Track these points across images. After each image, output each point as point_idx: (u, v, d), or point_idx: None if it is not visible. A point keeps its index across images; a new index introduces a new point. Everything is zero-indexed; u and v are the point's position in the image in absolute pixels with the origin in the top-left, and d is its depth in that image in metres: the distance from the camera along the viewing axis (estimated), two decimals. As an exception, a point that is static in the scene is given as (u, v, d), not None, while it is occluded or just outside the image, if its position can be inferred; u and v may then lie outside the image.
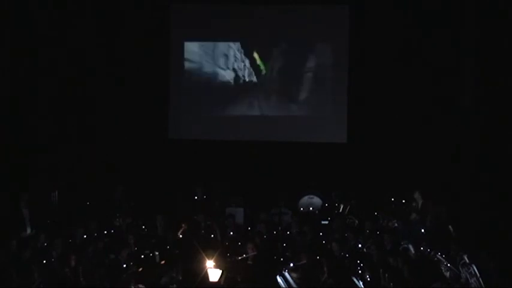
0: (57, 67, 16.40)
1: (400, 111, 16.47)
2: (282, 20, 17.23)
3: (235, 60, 17.44)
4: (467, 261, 11.06)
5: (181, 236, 13.21)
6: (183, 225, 13.40)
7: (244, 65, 17.41)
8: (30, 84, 16.02)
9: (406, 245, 12.20)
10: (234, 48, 17.43)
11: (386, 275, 10.65)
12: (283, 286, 10.92)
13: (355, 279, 10.75)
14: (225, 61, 17.48)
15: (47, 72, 16.25)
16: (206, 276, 9.82)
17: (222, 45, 17.46)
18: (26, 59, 15.88)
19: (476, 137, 15.61)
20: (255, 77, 17.41)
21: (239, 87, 17.49)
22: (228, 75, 17.47)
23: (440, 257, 11.39)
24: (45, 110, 16.27)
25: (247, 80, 17.45)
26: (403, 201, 15.00)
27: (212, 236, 13.40)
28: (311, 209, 15.78)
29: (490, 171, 15.03)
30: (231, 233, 13.63)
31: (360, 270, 11.32)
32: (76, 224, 13.37)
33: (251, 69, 17.41)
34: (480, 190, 15.06)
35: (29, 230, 13.49)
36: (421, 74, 16.32)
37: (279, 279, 10.98)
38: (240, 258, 11.77)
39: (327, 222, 14.94)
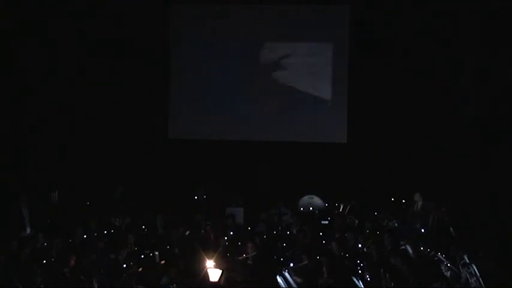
0: (57, 67, 16.42)
1: (400, 111, 16.47)
2: (282, 19, 17.23)
3: (235, 61, 17.43)
4: (467, 261, 11.04)
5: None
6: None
7: (244, 65, 17.41)
8: (30, 83, 16.03)
9: (404, 246, 12.18)
10: (233, 48, 17.42)
11: (387, 275, 10.64)
12: (283, 286, 10.92)
13: (355, 279, 10.74)
14: (225, 61, 17.48)
15: (47, 71, 16.26)
16: (206, 276, 9.81)
17: (221, 45, 17.45)
18: (26, 57, 15.89)
19: (477, 137, 15.61)
20: (255, 77, 17.41)
21: (239, 87, 17.48)
22: (227, 76, 17.46)
23: (440, 257, 11.37)
24: (45, 110, 16.27)
25: (247, 80, 17.45)
26: (403, 201, 15.01)
27: (212, 235, 13.39)
28: (311, 208, 15.78)
29: (490, 171, 15.03)
30: (231, 233, 13.62)
31: (360, 270, 11.31)
32: (76, 224, 13.37)
33: (251, 69, 17.41)
34: (480, 190, 15.06)
35: (28, 230, 13.50)
36: (421, 74, 16.32)
37: (279, 279, 10.97)
38: (240, 258, 11.76)
39: (327, 222, 14.95)
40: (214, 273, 9.75)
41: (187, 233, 13.21)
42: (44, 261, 11.40)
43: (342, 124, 17.14)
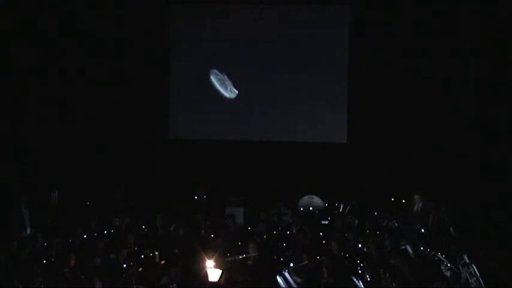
0: (57, 67, 16.41)
1: (400, 111, 16.47)
2: (282, 19, 17.22)
3: (235, 60, 17.43)
4: (467, 261, 11.04)
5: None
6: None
7: (244, 65, 17.41)
8: (30, 84, 16.03)
9: (404, 246, 12.19)
10: (234, 48, 17.42)
11: (387, 275, 10.64)
12: (283, 286, 10.92)
13: (355, 279, 10.74)
14: (225, 61, 17.47)
15: (48, 72, 16.26)
16: (206, 276, 9.81)
17: (221, 45, 17.44)
18: (26, 57, 15.89)
19: (477, 137, 15.60)
20: (254, 77, 17.40)
21: (239, 87, 17.48)
22: (227, 75, 17.46)
23: (440, 257, 11.38)
24: (45, 110, 16.27)
25: (247, 80, 17.44)
26: (403, 201, 15.01)
27: (212, 235, 13.39)
28: (311, 208, 15.78)
29: (490, 171, 15.02)
30: (231, 233, 13.62)
31: (360, 270, 11.31)
32: (76, 224, 13.37)
33: (251, 69, 17.40)
34: (480, 190, 15.05)
35: (28, 230, 13.50)
36: (421, 74, 16.31)
37: (279, 279, 10.97)
38: (240, 258, 11.76)
39: (327, 222, 14.95)
40: (214, 273, 9.75)
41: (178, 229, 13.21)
42: (44, 261, 11.40)
43: (342, 124, 17.13)
